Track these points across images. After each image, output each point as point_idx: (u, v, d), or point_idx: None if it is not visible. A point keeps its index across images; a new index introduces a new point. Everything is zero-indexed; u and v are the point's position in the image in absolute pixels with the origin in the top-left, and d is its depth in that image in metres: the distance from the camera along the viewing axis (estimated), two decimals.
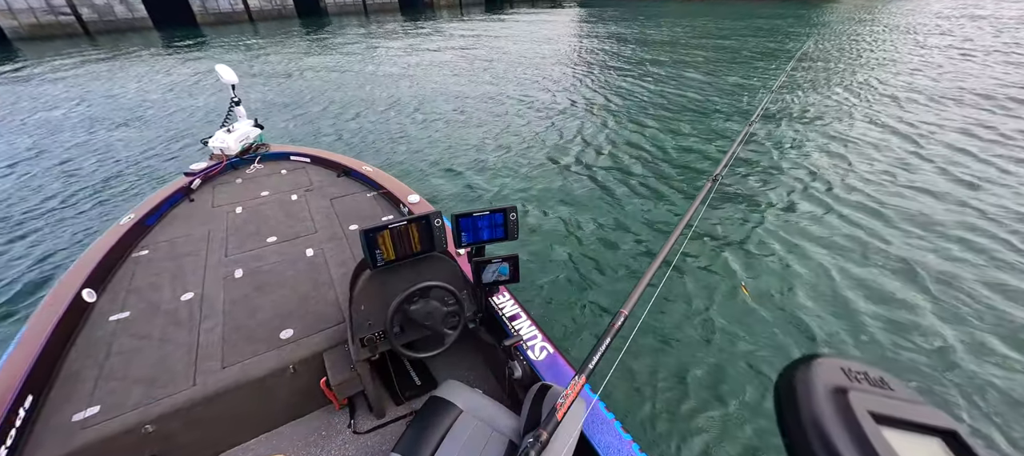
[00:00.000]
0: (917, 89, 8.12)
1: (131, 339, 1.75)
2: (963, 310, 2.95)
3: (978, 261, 3.44)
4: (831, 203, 4.29)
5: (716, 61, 10.94)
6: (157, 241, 2.39)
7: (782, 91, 7.99)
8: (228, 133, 3.32)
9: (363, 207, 2.72)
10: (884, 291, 3.08)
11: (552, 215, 4.24)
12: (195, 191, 2.94)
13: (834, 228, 3.85)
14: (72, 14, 20.32)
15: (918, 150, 5.54)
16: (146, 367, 1.62)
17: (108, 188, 5.45)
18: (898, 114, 6.83)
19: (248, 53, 15.18)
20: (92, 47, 17.21)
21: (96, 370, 1.61)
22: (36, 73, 12.59)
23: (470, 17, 26.22)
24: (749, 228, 3.73)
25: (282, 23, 24.79)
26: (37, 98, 9.94)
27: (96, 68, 13.08)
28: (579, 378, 0.91)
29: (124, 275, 2.12)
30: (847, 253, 3.53)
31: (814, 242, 3.66)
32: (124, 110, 8.81)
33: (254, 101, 9.09)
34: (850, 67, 10.14)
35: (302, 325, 1.79)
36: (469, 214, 1.47)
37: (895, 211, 4.10)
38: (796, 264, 3.37)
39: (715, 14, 23.66)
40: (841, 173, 4.97)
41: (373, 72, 11.34)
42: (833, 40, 13.98)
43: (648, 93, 8.43)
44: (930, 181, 4.73)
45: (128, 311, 1.89)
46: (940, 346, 2.67)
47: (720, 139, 5.89)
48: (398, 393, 1.90)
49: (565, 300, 3.11)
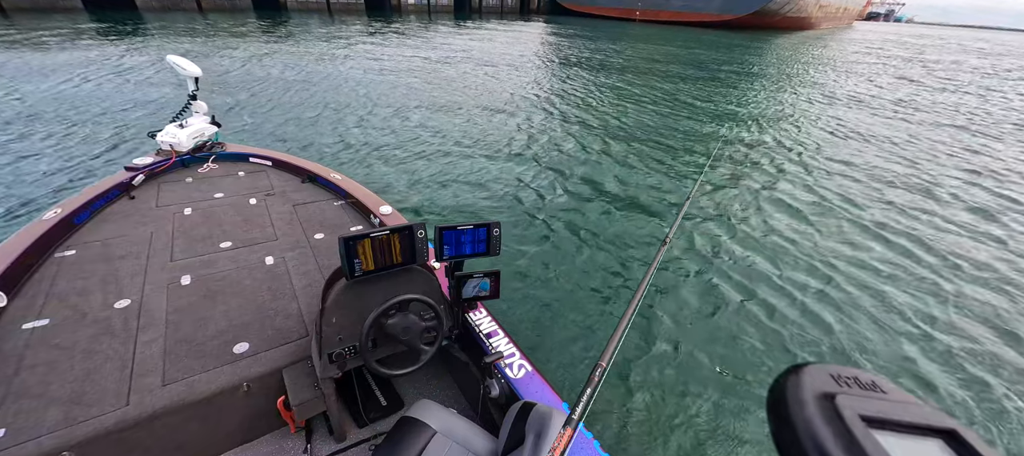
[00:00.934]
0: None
1: (50, 351, 1.52)
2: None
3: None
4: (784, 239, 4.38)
5: (673, 96, 11.29)
6: (87, 241, 2.13)
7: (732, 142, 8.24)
8: (180, 128, 3.02)
9: (330, 216, 2.54)
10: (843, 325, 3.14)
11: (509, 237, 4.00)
12: (137, 188, 2.65)
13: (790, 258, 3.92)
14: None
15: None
16: (68, 383, 1.40)
17: (19, 184, 4.59)
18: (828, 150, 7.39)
19: (193, 45, 13.98)
20: (7, 24, 15.24)
21: (2, 387, 1.38)
22: None
23: (438, 24, 26.00)
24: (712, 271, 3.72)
25: (235, 16, 23.30)
26: None
27: (15, 49, 11.54)
28: (565, 430, 0.84)
29: (43, 277, 1.86)
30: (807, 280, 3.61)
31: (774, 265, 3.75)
32: (48, 99, 7.71)
33: (205, 98, 8.27)
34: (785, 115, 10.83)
35: (259, 339, 1.63)
36: (453, 227, 1.43)
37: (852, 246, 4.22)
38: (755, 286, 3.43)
39: (671, 40, 24.96)
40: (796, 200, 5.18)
41: (335, 75, 10.67)
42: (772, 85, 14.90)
43: (600, 122, 8.31)
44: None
45: (47, 319, 1.66)
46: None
47: (678, 177, 5.70)
48: (362, 415, 1.76)
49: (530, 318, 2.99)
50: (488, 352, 1.55)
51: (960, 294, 3.56)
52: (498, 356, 1.48)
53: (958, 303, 3.45)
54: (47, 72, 9.21)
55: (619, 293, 3.28)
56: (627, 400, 2.40)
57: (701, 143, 7.05)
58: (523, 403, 1.21)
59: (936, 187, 5.72)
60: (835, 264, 3.82)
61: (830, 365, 0.36)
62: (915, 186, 5.71)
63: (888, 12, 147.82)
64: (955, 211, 5.05)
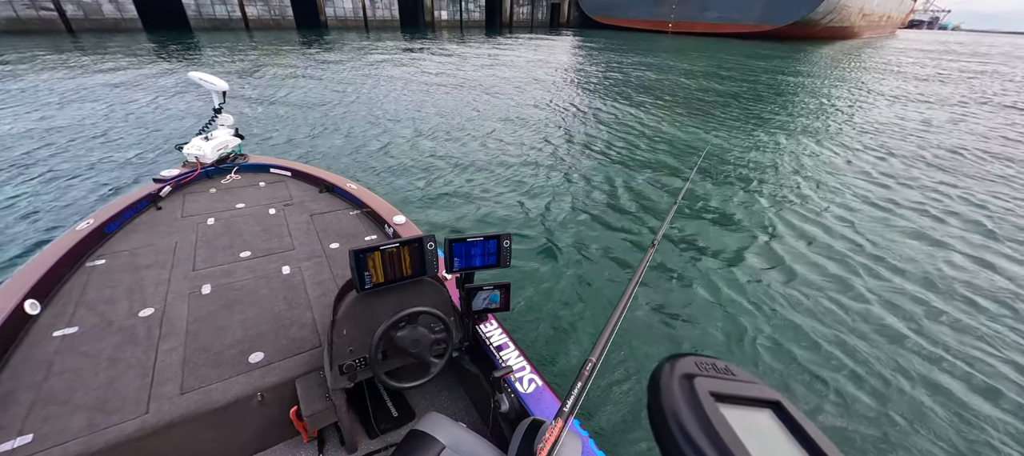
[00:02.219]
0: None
1: (77, 358, 1.56)
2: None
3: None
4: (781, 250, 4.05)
5: (700, 107, 10.76)
6: (116, 250, 2.19)
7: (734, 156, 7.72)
8: (206, 140, 3.12)
9: (346, 225, 2.58)
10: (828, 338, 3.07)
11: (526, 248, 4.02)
12: (164, 199, 2.73)
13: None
14: (55, 10, 19.37)
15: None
16: (92, 390, 1.44)
17: (68, 193, 4.72)
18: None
19: (240, 61, 14.52)
20: (74, 45, 16.27)
21: (32, 393, 1.42)
22: (8, 69, 11.63)
23: (469, 39, 26.31)
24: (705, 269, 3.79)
25: (279, 34, 24.28)
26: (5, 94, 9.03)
27: (76, 67, 12.20)
28: (556, 422, 0.86)
29: (75, 286, 1.92)
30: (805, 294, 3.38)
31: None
32: (101, 111, 8.01)
33: (237, 111, 8.44)
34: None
35: (274, 348, 1.65)
36: (462, 239, 1.43)
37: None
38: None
39: (706, 51, 24.28)
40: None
41: (368, 90, 10.84)
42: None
43: (622, 136, 8.11)
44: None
45: (76, 326, 1.70)
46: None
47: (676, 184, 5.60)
48: (373, 426, 1.76)
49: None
50: (498, 365, 1.54)
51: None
52: (508, 370, 1.45)
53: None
54: (109, 86, 9.64)
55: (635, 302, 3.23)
56: (615, 395, 2.44)
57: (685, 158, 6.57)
58: (532, 420, 1.18)
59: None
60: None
61: (696, 355, 0.44)
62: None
63: (932, 20, 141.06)
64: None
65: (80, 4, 19.88)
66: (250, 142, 6.65)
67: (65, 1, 19.50)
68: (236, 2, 24.19)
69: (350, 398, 1.64)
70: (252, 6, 24.87)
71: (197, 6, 23.04)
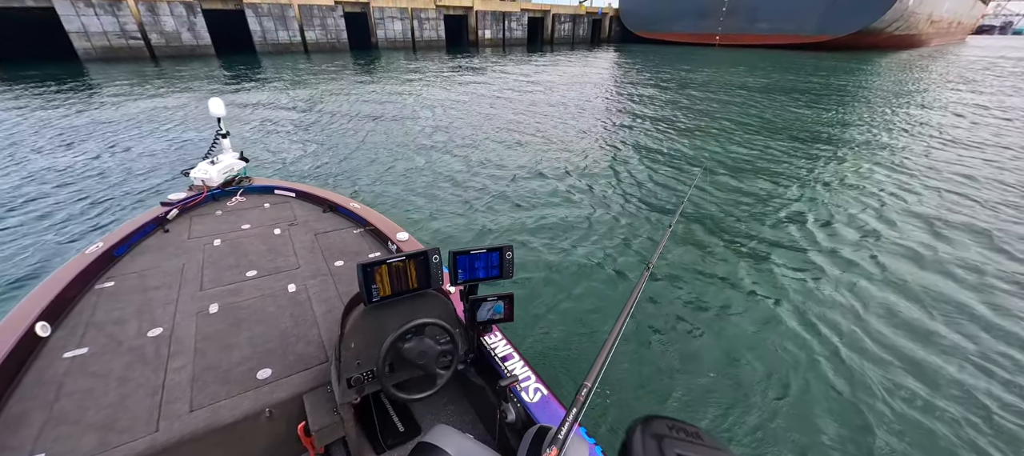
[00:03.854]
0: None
1: (88, 378, 1.58)
2: None
3: None
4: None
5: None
6: (125, 272, 2.24)
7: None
8: (212, 165, 3.20)
9: (350, 243, 2.62)
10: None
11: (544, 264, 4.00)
12: (171, 221, 2.78)
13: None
14: (142, 39, 21.28)
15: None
16: (103, 410, 1.46)
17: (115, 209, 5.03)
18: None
19: (298, 81, 15.25)
20: (156, 70, 17.71)
21: (44, 412, 1.44)
22: (105, 92, 12.70)
23: (510, 57, 26.60)
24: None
25: (334, 55, 25.55)
26: (99, 114, 9.78)
27: (157, 90, 13.17)
28: (551, 450, 0.83)
29: (85, 308, 1.96)
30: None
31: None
32: (167, 131, 8.47)
33: (286, 127, 8.98)
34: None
35: (281, 365, 1.66)
36: (466, 252, 1.45)
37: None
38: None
39: (759, 64, 23.20)
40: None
41: (411, 105, 11.22)
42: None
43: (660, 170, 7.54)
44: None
45: (86, 347, 1.73)
46: None
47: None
48: (380, 442, 1.76)
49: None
50: (503, 375, 1.56)
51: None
52: (513, 380, 1.43)
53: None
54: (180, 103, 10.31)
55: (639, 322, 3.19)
56: (611, 415, 2.45)
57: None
58: (539, 427, 1.16)
59: None
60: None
61: (668, 418, 0.50)
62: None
63: (1005, 24, 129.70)
64: None
65: (162, 33, 21.75)
66: (297, 158, 7.02)
67: (150, 31, 21.40)
68: (297, 27, 25.71)
69: (357, 414, 1.64)
70: (311, 31, 26.34)
71: (263, 32, 24.65)
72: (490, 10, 34.57)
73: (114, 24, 20.34)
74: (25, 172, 6.21)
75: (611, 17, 44.69)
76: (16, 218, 4.83)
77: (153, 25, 21.37)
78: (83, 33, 19.80)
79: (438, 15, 31.72)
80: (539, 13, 38.50)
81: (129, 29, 20.77)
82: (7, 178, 5.98)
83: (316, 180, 6.11)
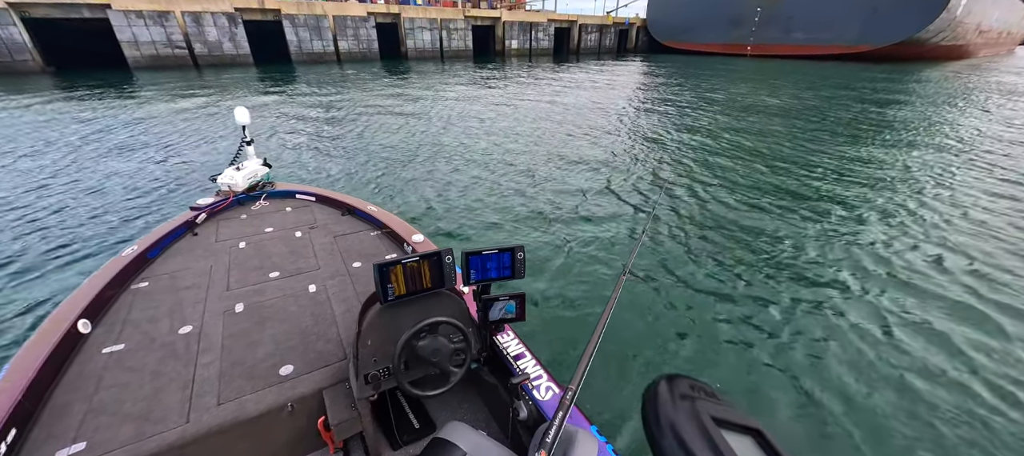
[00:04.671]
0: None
1: (124, 372, 1.67)
2: None
3: None
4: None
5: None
6: (158, 273, 2.36)
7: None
8: (237, 171, 3.33)
9: (367, 245, 2.70)
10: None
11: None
12: (199, 225, 2.91)
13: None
14: (186, 49, 22.22)
15: None
16: (138, 402, 1.53)
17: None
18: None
19: (326, 87, 15.49)
20: (199, 77, 18.38)
21: (85, 404, 1.53)
22: (152, 97, 13.17)
23: (537, 66, 26.58)
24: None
25: (365, 64, 26.08)
26: (143, 114, 10.06)
27: (203, 96, 13.57)
28: (539, 454, 0.85)
29: (122, 307, 2.07)
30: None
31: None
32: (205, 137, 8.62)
33: (317, 132, 9.18)
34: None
35: (303, 362, 1.72)
36: (478, 252, 1.48)
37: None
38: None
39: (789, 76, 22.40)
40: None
41: (436, 112, 11.27)
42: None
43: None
44: None
45: (123, 343, 1.83)
46: None
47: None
48: (396, 438, 1.78)
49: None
50: (516, 374, 1.60)
51: None
52: (525, 377, 1.41)
53: None
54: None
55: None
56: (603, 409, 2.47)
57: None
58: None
59: None
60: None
61: (689, 377, 0.48)
62: None
63: None
64: None
65: (205, 43, 22.66)
66: (321, 163, 7.18)
67: (194, 41, 22.33)
68: (330, 38, 26.40)
69: (374, 411, 1.68)
70: (344, 40, 27.01)
71: (298, 42, 25.41)
72: (517, 21, 34.76)
73: (162, 34, 21.32)
74: (83, 175, 6.39)
75: (638, 27, 44.32)
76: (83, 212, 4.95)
77: (197, 35, 22.30)
78: (133, 43, 20.81)
79: (466, 25, 32.08)
80: (566, 23, 38.50)
81: (175, 39, 21.72)
82: (84, 178, 6.30)
83: (340, 182, 6.25)
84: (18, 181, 6.09)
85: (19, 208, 5.20)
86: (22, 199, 5.47)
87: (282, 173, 6.60)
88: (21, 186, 5.89)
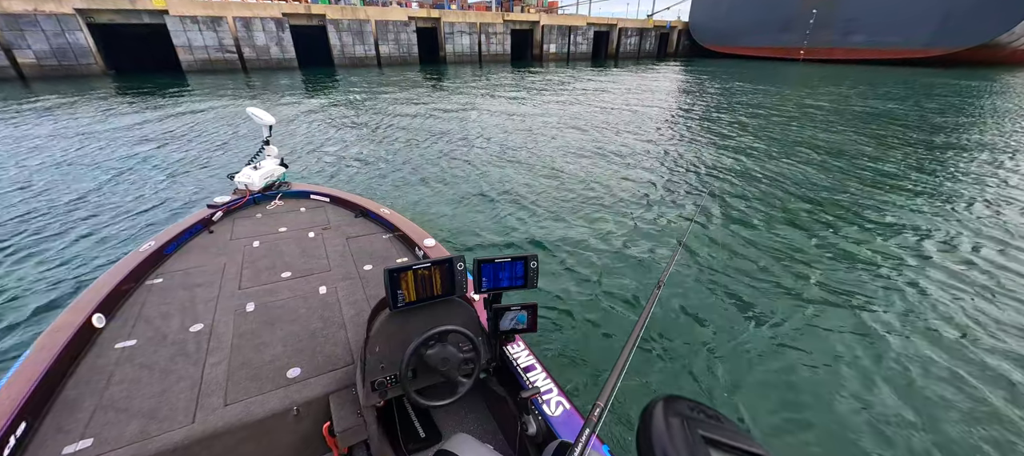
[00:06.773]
0: None
1: (135, 368, 1.65)
2: None
3: None
4: None
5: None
6: (173, 270, 2.33)
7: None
8: (254, 170, 3.33)
9: (379, 248, 2.64)
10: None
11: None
12: (216, 223, 2.91)
13: None
14: (236, 53, 22.77)
15: None
16: (147, 399, 1.51)
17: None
18: None
19: (367, 91, 15.29)
20: (246, 80, 18.66)
21: (95, 399, 1.51)
22: (206, 97, 13.27)
23: (576, 70, 25.86)
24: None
25: (405, 68, 26.08)
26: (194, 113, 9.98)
27: (248, 95, 13.61)
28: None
29: (136, 302, 2.05)
30: None
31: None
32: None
33: (354, 131, 9.20)
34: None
35: (310, 365, 1.68)
36: (491, 260, 1.43)
37: None
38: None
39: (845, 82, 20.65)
40: None
41: (475, 118, 10.81)
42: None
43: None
44: None
45: (135, 339, 1.80)
46: None
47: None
48: (401, 447, 1.74)
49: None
50: (525, 387, 1.55)
51: None
52: (535, 392, 1.37)
53: None
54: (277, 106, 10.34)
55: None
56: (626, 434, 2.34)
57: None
58: (559, 443, 1.17)
59: None
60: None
61: (688, 399, 0.47)
62: None
63: None
64: None
65: (254, 48, 23.19)
66: (355, 163, 7.02)
67: (244, 45, 22.86)
68: (372, 43, 26.57)
69: (380, 418, 1.63)
70: (385, 45, 27.14)
71: (341, 47, 25.69)
72: (556, 24, 34.11)
73: (214, 39, 21.92)
74: (136, 168, 6.20)
75: (680, 30, 42.78)
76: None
77: (247, 39, 22.82)
78: (187, 47, 21.47)
79: (505, 29, 31.70)
80: (605, 27, 37.55)
81: (226, 43, 22.29)
82: (150, 171, 6.55)
83: (362, 183, 6.19)
84: (79, 174, 6.35)
85: (72, 201, 5.35)
86: (91, 197, 5.58)
87: (313, 171, 6.65)
88: (78, 179, 6.03)
